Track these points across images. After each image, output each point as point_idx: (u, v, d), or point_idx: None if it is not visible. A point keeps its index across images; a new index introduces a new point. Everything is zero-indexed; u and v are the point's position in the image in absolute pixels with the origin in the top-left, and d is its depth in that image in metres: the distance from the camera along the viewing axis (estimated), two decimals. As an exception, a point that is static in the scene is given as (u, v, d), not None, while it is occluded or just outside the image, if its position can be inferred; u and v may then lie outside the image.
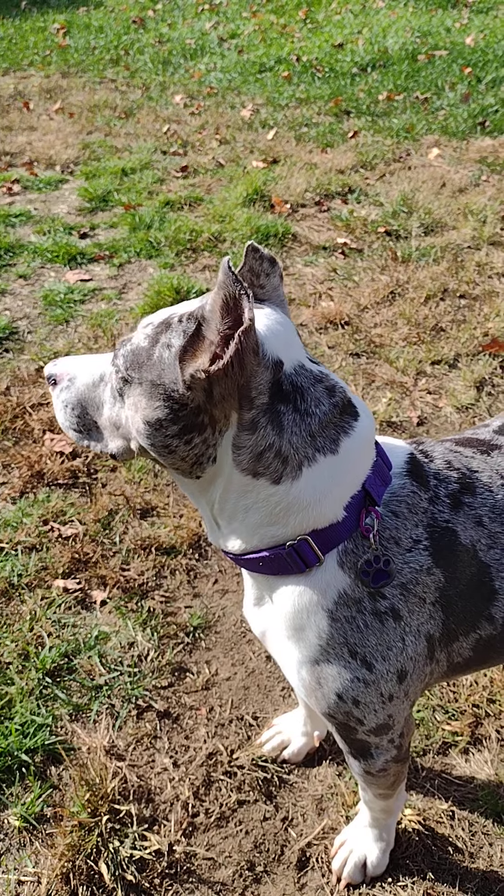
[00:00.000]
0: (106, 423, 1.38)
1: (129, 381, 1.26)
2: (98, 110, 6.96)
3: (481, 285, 4.06)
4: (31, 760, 1.98)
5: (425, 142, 6.03)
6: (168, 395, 1.20)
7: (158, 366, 1.21)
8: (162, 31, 9.71)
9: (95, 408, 1.39)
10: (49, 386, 1.47)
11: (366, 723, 1.38)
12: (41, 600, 2.40)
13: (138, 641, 2.29)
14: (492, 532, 1.37)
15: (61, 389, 1.42)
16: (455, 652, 1.42)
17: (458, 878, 1.76)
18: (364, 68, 7.81)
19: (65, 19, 10.26)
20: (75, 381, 1.40)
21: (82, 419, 1.41)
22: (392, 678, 1.34)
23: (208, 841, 1.84)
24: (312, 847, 1.83)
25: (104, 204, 5.12)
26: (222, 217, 4.81)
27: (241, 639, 2.31)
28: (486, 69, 7.40)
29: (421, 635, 1.35)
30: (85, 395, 1.39)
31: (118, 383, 1.29)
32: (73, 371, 1.42)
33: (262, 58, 8.29)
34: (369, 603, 1.30)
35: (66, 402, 1.42)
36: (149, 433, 1.25)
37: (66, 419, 1.43)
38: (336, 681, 1.33)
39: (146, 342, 1.23)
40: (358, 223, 4.74)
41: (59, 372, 1.44)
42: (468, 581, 1.36)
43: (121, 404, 1.32)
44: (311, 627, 1.32)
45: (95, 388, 1.38)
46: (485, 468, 1.44)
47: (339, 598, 1.29)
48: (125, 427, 1.33)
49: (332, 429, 1.24)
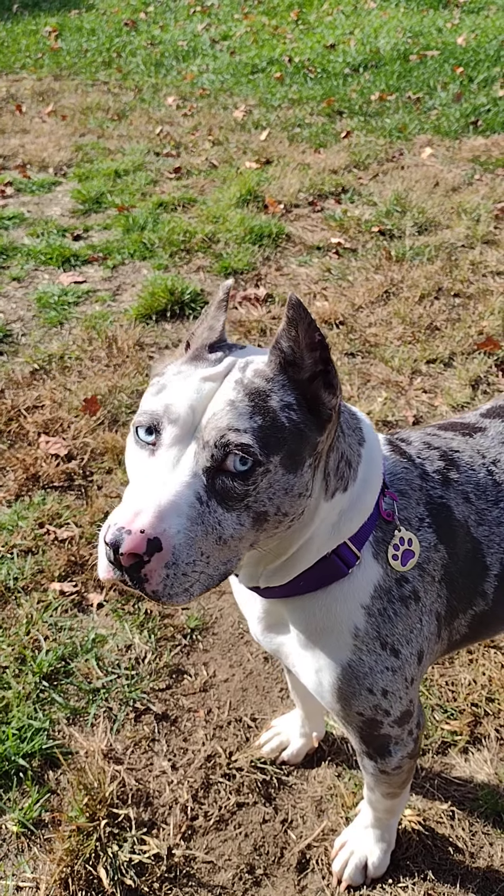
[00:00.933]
0: (218, 551, 1.07)
1: (268, 472, 1.06)
2: (90, 112, 6.95)
3: (475, 284, 4.06)
4: (29, 765, 1.96)
5: (418, 141, 6.03)
6: (309, 452, 1.12)
7: (294, 430, 1.09)
8: (154, 33, 9.71)
9: (207, 543, 1.05)
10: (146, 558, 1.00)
11: (392, 713, 1.37)
12: (37, 603, 2.39)
13: (135, 644, 2.28)
14: (478, 509, 1.40)
15: (175, 555, 1.01)
16: (455, 629, 1.43)
17: (458, 878, 1.75)
18: (356, 69, 7.82)
19: (56, 22, 10.25)
20: (183, 530, 1.02)
21: (196, 571, 1.05)
22: (414, 661, 1.35)
23: (207, 844, 1.83)
24: (312, 849, 1.82)
25: (97, 206, 5.11)
26: (216, 218, 4.80)
27: (239, 640, 2.30)
28: (478, 69, 7.41)
29: (432, 614, 1.36)
30: (197, 536, 1.04)
31: (244, 488, 1.05)
32: (173, 521, 1.01)
33: (254, 59, 8.29)
34: (396, 590, 1.31)
35: (184, 565, 1.02)
36: (297, 505, 1.11)
37: (180, 586, 1.03)
38: (368, 676, 1.32)
39: (263, 420, 1.06)
40: (352, 223, 4.74)
41: (159, 533, 1.00)
42: (465, 557, 1.38)
43: (242, 511, 1.07)
44: (346, 629, 1.29)
45: (203, 520, 1.04)
46: (465, 448, 1.47)
47: (375, 592, 1.29)
48: (249, 532, 1.09)
49: (353, 419, 1.26)
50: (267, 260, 4.38)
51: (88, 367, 3.45)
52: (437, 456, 1.42)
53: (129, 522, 0.99)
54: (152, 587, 1.02)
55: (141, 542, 0.98)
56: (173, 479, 1.04)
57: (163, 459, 1.07)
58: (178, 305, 3.86)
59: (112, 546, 0.99)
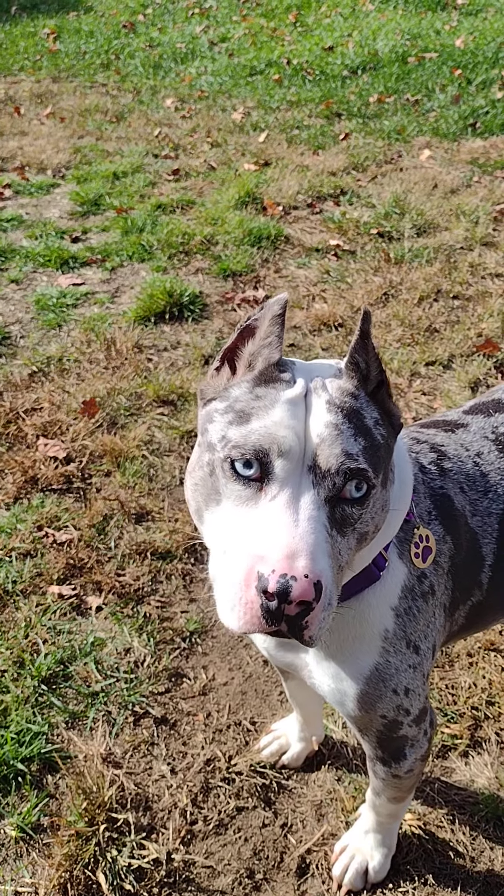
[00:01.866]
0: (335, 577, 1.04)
1: (376, 490, 1.06)
2: (89, 114, 6.95)
3: (474, 286, 4.06)
4: (28, 769, 1.95)
5: (416, 143, 6.03)
6: (390, 463, 1.13)
7: (385, 446, 1.09)
8: (152, 35, 9.71)
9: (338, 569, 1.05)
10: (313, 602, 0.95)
11: (412, 711, 1.37)
12: (36, 607, 2.38)
13: (134, 647, 2.27)
14: (471, 499, 1.41)
15: (329, 596, 0.99)
16: (455, 621, 1.44)
17: (459, 882, 1.75)
18: (354, 71, 7.82)
19: (55, 24, 10.24)
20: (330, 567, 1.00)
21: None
22: (430, 655, 1.36)
23: (207, 849, 1.82)
24: (312, 853, 1.81)
25: (96, 208, 5.10)
26: (214, 220, 4.79)
27: (238, 643, 2.30)
28: (476, 71, 7.41)
29: (441, 606, 1.37)
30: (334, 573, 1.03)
31: (360, 511, 1.04)
32: (323, 562, 0.98)
33: (252, 61, 8.29)
34: (418, 587, 1.31)
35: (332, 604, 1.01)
36: (384, 519, 1.11)
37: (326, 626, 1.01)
38: (394, 677, 1.31)
39: (365, 440, 1.05)
40: (350, 225, 4.73)
41: (319, 576, 0.96)
42: (466, 547, 1.39)
43: (350, 533, 1.05)
44: (376, 633, 1.28)
45: (334, 553, 1.02)
46: (449, 443, 1.49)
47: (402, 592, 1.29)
48: (351, 552, 1.08)
49: None
50: (266, 262, 4.38)
51: (87, 369, 3.44)
52: (427, 449, 1.43)
53: (289, 567, 0.93)
54: (310, 633, 0.97)
55: (310, 589, 0.93)
56: (303, 515, 0.98)
57: (283, 495, 1.00)
58: (177, 307, 3.85)
59: (279, 595, 0.93)
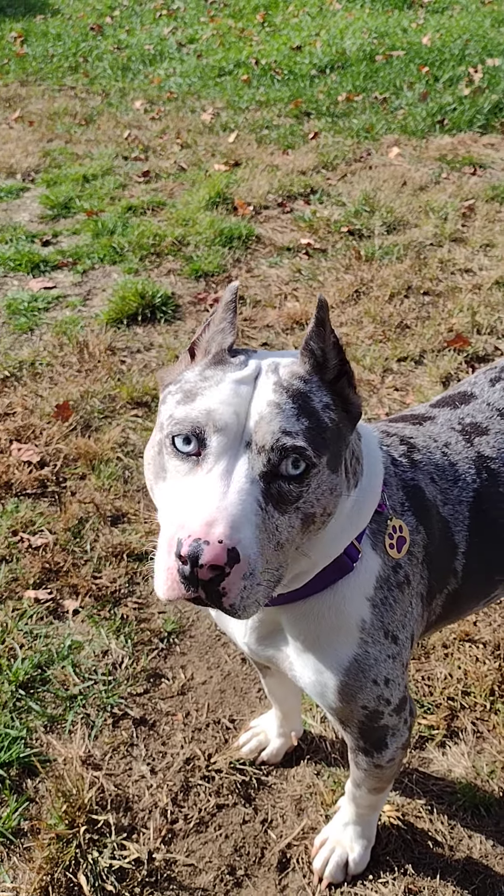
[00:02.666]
0: (274, 556, 1.06)
1: (318, 473, 1.06)
2: (58, 118, 6.92)
3: (444, 282, 4.09)
4: (6, 774, 1.95)
5: (385, 141, 6.07)
6: (345, 450, 1.14)
7: (334, 430, 1.10)
8: (120, 37, 9.68)
9: (267, 549, 1.04)
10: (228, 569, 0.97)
11: (392, 701, 1.38)
12: (12, 612, 2.37)
13: (112, 649, 2.27)
14: (442, 488, 1.44)
15: (251, 564, 0.99)
16: (432, 610, 1.46)
17: (438, 871, 1.77)
18: (323, 70, 7.85)
19: (22, 27, 10.19)
20: (257, 538, 1.01)
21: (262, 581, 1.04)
22: (408, 644, 1.37)
23: (188, 847, 1.83)
24: (293, 848, 1.83)
25: (66, 211, 5.09)
26: (185, 221, 4.80)
27: (216, 642, 2.30)
28: (443, 68, 7.47)
29: (418, 596, 1.38)
30: (263, 544, 1.03)
31: (299, 490, 1.05)
32: (247, 532, 0.99)
33: (220, 62, 8.29)
34: (394, 577, 1.32)
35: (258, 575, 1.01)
36: (335, 503, 1.11)
37: (254, 597, 1.02)
38: (373, 668, 1.32)
39: (309, 421, 1.07)
40: (321, 223, 4.75)
41: (236, 543, 0.97)
42: (439, 536, 1.41)
43: (292, 513, 1.06)
44: (353, 624, 1.29)
45: (266, 526, 1.03)
46: (417, 435, 1.51)
47: (377, 582, 1.30)
48: (298, 535, 1.09)
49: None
50: (237, 262, 4.39)
51: (60, 372, 3.43)
52: (397, 442, 1.45)
53: (205, 533, 0.96)
54: (230, 601, 0.99)
55: (222, 553, 0.95)
56: (234, 487, 1.01)
57: (217, 468, 1.03)
58: (150, 309, 3.85)
59: (191, 558, 0.96)
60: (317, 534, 1.13)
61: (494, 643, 2.22)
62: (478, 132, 6.20)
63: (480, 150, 5.86)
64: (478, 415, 1.56)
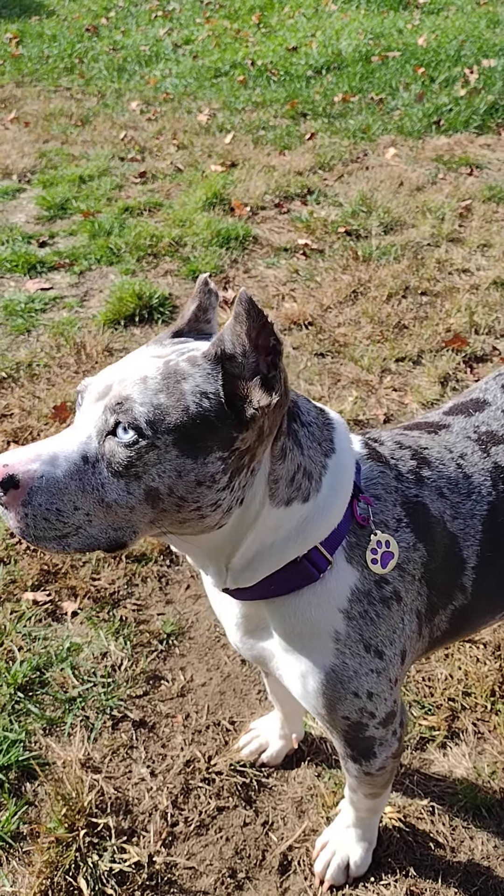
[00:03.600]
0: (110, 511, 1.12)
1: (157, 447, 1.08)
2: (54, 119, 6.91)
3: (442, 282, 4.09)
4: (5, 777, 1.94)
5: (382, 142, 6.07)
6: (220, 444, 1.10)
7: (201, 418, 1.08)
8: (116, 38, 9.68)
9: (87, 499, 1.11)
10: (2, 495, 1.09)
11: (377, 714, 1.37)
12: (10, 614, 2.36)
13: (111, 651, 2.26)
14: (453, 503, 1.41)
15: (31, 493, 1.08)
16: (436, 626, 1.44)
17: (440, 873, 1.76)
18: (319, 71, 7.85)
19: (17, 29, 10.18)
20: (51, 475, 1.09)
21: (69, 519, 1.11)
22: (397, 661, 1.35)
23: (188, 850, 1.82)
24: (294, 850, 1.82)
25: (63, 212, 5.08)
26: (182, 222, 4.79)
27: (216, 644, 2.30)
28: (439, 69, 7.47)
29: (413, 613, 1.36)
30: (70, 488, 1.10)
31: (132, 455, 1.08)
32: (38, 466, 1.09)
33: (216, 63, 8.30)
34: (377, 591, 1.31)
35: (44, 506, 1.09)
36: (198, 495, 1.11)
37: (44, 529, 1.10)
38: (353, 680, 1.32)
39: (165, 398, 1.08)
40: (318, 224, 4.75)
41: (21, 471, 1.09)
42: (443, 553, 1.38)
43: (141, 478, 1.09)
44: (326, 633, 1.29)
45: (83, 475, 1.10)
46: (433, 445, 1.48)
47: (353, 595, 1.29)
48: (142, 505, 1.12)
49: (325, 429, 1.27)
50: (234, 262, 4.38)
51: (57, 373, 3.42)
52: (409, 455, 1.42)
53: (4, 465, 1.09)
54: (13, 523, 1.10)
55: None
56: (67, 435, 1.12)
57: (74, 422, 1.16)
58: (147, 310, 3.84)
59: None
60: (198, 522, 1.14)
61: (495, 644, 2.22)
62: (474, 133, 6.20)
63: (477, 150, 5.87)
64: (493, 423, 1.54)
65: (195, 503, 1.12)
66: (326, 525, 1.24)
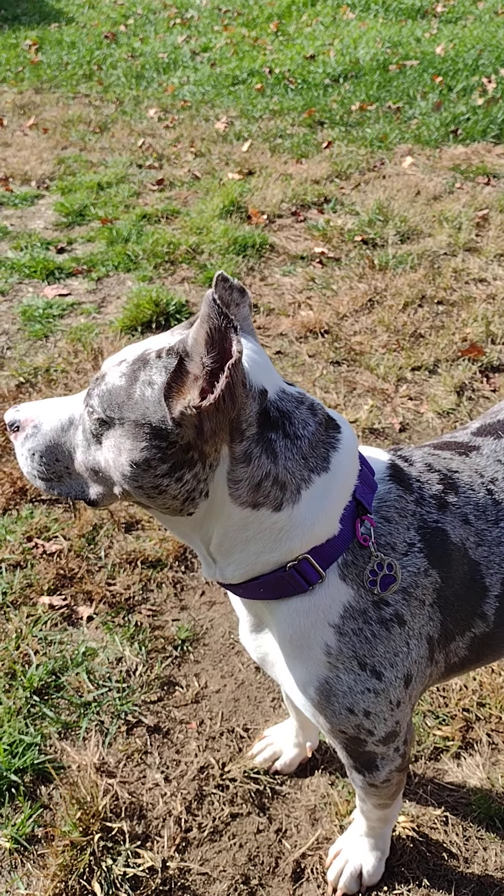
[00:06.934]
0: (81, 469, 1.31)
1: (107, 423, 1.21)
2: (72, 125, 6.97)
3: (458, 291, 4.10)
4: (21, 780, 1.95)
5: (399, 151, 6.08)
6: (155, 433, 1.15)
7: (141, 405, 1.16)
8: (134, 45, 9.74)
9: (66, 454, 1.32)
10: (10, 434, 1.37)
11: (376, 733, 1.37)
12: (27, 618, 2.38)
13: (126, 656, 2.27)
14: (478, 529, 1.39)
15: (26, 437, 1.34)
16: (452, 652, 1.42)
17: (453, 883, 1.76)
18: (336, 79, 7.87)
19: (37, 35, 10.27)
20: (41, 426, 1.33)
21: (51, 467, 1.34)
22: (400, 684, 1.34)
23: (202, 856, 1.83)
24: (307, 858, 1.82)
25: (81, 218, 5.12)
26: (199, 229, 4.82)
27: (230, 650, 2.30)
28: (457, 78, 7.48)
29: (422, 638, 1.35)
30: (54, 440, 1.33)
31: (93, 426, 1.23)
32: (38, 416, 1.35)
33: (234, 70, 8.34)
34: (374, 612, 1.30)
35: (32, 450, 1.34)
36: (136, 475, 1.19)
37: (32, 468, 1.36)
38: (347, 696, 1.32)
39: (123, 381, 1.18)
40: (335, 232, 4.76)
41: (23, 418, 1.36)
42: (461, 580, 1.37)
43: (97, 447, 1.25)
44: (317, 645, 1.30)
45: (65, 433, 1.32)
46: (464, 468, 1.46)
47: (345, 612, 1.29)
48: (105, 471, 1.27)
49: (322, 447, 1.25)
50: (251, 270, 4.40)
51: (74, 379, 3.45)
52: (436, 479, 1.41)
53: (11, 411, 1.37)
54: (19, 458, 1.36)
55: (9, 418, 1.37)
56: (66, 400, 1.35)
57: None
58: (164, 317, 3.86)
59: (9, 426, 1.37)
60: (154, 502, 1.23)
61: (509, 654, 2.21)
62: (491, 142, 6.20)
63: (494, 159, 5.87)
64: None
65: (135, 482, 1.20)
66: (308, 538, 1.24)
